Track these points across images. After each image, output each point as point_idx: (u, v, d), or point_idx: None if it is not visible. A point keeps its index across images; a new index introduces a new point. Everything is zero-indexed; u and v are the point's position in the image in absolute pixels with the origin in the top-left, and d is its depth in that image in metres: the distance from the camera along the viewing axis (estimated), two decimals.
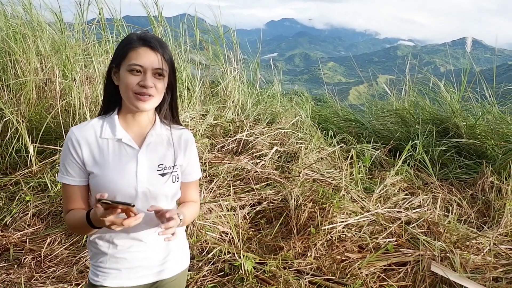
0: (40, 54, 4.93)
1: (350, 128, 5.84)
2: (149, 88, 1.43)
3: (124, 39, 1.51)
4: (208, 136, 4.66)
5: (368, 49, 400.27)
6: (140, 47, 1.44)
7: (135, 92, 1.43)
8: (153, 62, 1.43)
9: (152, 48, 1.44)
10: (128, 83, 1.44)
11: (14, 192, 3.93)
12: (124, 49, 1.46)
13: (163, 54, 1.46)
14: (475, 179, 4.33)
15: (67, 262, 3.22)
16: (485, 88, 5.41)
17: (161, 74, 1.46)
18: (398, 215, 3.59)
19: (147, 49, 1.44)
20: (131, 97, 1.45)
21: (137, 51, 1.44)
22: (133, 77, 1.43)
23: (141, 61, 1.42)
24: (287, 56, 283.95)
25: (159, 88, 1.46)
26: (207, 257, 3.15)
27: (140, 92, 1.43)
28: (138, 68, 1.43)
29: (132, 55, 1.43)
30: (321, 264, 3.09)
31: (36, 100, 4.74)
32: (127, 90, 1.45)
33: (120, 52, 1.47)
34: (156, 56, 1.44)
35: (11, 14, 5.43)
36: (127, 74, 1.44)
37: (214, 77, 5.91)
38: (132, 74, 1.43)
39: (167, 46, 1.50)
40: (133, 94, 1.44)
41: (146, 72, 1.43)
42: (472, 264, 3.04)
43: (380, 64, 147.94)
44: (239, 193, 3.87)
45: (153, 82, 1.44)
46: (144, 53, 1.43)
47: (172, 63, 1.51)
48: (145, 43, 1.44)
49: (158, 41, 1.47)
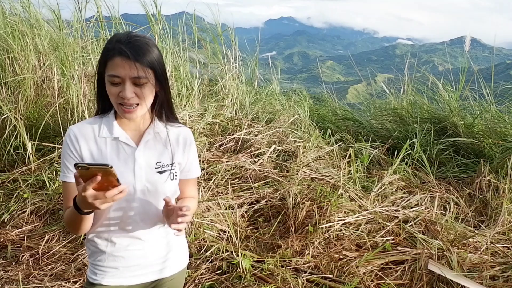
0: (38, 51, 4.93)
1: (348, 126, 5.85)
2: (129, 99, 1.39)
3: (106, 43, 1.45)
4: (206, 134, 4.66)
5: (366, 47, 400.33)
6: (116, 57, 1.38)
7: (119, 102, 1.41)
8: (130, 71, 1.37)
9: (127, 57, 1.37)
10: (110, 94, 1.42)
11: (12, 190, 3.93)
12: (104, 57, 1.42)
13: (141, 60, 1.38)
14: (473, 178, 4.34)
15: (65, 259, 3.23)
16: (483, 87, 5.42)
17: (142, 82, 1.40)
18: (396, 214, 3.60)
19: (123, 58, 1.37)
20: (117, 108, 1.44)
21: (113, 61, 1.38)
22: (113, 88, 1.40)
23: (117, 71, 1.38)
24: (286, 55, 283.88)
25: (142, 95, 1.41)
26: (205, 255, 3.15)
27: (122, 102, 1.41)
28: (117, 79, 1.38)
29: (110, 65, 1.39)
30: (319, 262, 3.10)
31: (34, 97, 4.74)
32: (112, 100, 1.43)
33: (102, 60, 1.43)
34: (132, 64, 1.37)
35: (9, 12, 5.41)
36: (109, 84, 1.41)
37: (212, 76, 5.90)
38: (112, 85, 1.40)
39: (147, 49, 1.40)
40: (118, 105, 1.43)
41: (124, 82, 1.38)
42: (469, 262, 3.05)
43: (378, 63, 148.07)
44: (237, 191, 3.87)
45: (133, 91, 1.39)
46: (120, 63, 1.37)
47: (157, 65, 1.43)
48: (120, 53, 1.37)
49: (135, 47, 1.38)
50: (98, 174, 1.20)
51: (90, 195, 1.22)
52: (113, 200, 1.25)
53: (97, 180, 1.20)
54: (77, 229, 1.43)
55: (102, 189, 1.23)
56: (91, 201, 1.23)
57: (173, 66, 5.21)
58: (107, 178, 1.21)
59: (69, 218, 1.42)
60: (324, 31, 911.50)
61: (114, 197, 1.24)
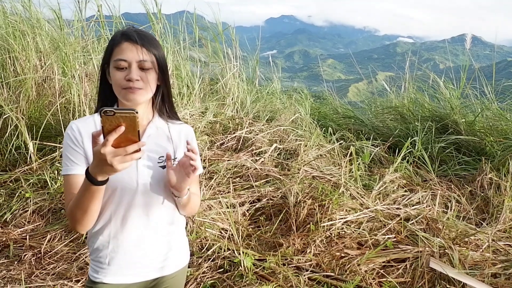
0: (39, 51, 4.93)
1: (350, 125, 5.85)
2: (135, 82, 1.43)
3: (110, 38, 1.53)
4: (207, 133, 4.67)
5: (367, 46, 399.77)
6: (123, 42, 1.45)
7: (124, 87, 1.44)
8: (136, 54, 1.44)
9: (134, 41, 1.45)
10: (116, 79, 1.45)
11: (14, 189, 3.93)
12: (109, 46, 1.48)
13: (147, 46, 1.46)
14: (474, 176, 4.34)
15: (67, 258, 3.23)
16: (484, 84, 5.41)
17: (147, 67, 1.45)
18: (397, 212, 3.60)
19: (129, 43, 1.45)
20: (121, 93, 1.46)
21: (120, 46, 1.45)
22: (119, 73, 1.44)
23: (124, 55, 1.44)
24: (287, 53, 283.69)
25: (147, 79, 1.46)
26: (207, 253, 3.15)
27: (127, 86, 1.44)
28: (123, 63, 1.43)
29: (117, 50, 1.45)
30: (321, 260, 3.10)
31: (36, 97, 4.74)
32: (117, 87, 1.46)
33: (107, 50, 1.49)
34: (139, 48, 1.45)
35: (10, 11, 5.42)
36: (114, 70, 1.45)
37: (213, 74, 5.91)
38: (118, 70, 1.44)
39: (152, 39, 1.50)
40: (123, 90, 1.45)
41: (131, 66, 1.44)
42: (470, 260, 3.05)
43: (379, 61, 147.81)
44: (239, 190, 3.87)
45: (139, 74, 1.44)
46: (126, 47, 1.44)
47: (160, 56, 1.51)
48: (127, 38, 1.45)
49: (142, 34, 1.48)
50: (122, 124, 1.16)
51: (110, 151, 1.17)
52: (132, 158, 1.19)
53: (121, 130, 1.15)
54: (85, 212, 1.36)
55: (120, 147, 1.18)
56: (110, 159, 1.17)
57: (174, 65, 5.21)
58: (126, 135, 1.17)
59: (76, 202, 1.36)
60: (324, 29, 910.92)
61: (133, 155, 1.19)
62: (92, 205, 1.35)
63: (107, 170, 1.21)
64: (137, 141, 1.19)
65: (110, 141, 1.16)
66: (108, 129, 1.17)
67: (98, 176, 1.25)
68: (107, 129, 1.17)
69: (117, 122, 1.16)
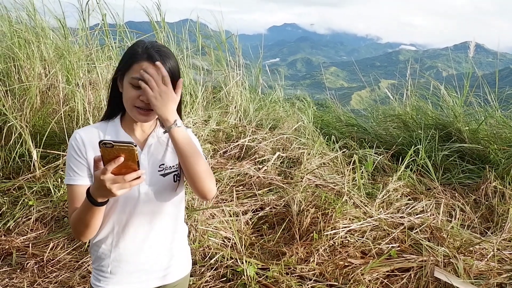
0: (43, 59, 4.96)
1: (353, 133, 5.84)
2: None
3: (130, 48, 1.49)
4: (210, 141, 4.67)
5: (370, 53, 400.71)
6: (144, 62, 1.42)
7: (136, 105, 1.44)
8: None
9: (155, 62, 1.42)
10: (129, 96, 1.44)
11: (17, 197, 3.94)
12: (129, 61, 1.45)
13: (167, 67, 1.43)
14: (478, 184, 4.32)
15: (70, 267, 3.23)
16: (488, 92, 5.40)
17: None
18: (401, 221, 3.58)
19: (150, 63, 1.42)
20: (132, 110, 1.46)
21: (140, 65, 1.42)
22: (134, 91, 1.43)
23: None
24: (289, 61, 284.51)
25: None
26: (210, 262, 3.14)
27: (140, 106, 1.43)
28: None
29: (136, 68, 1.42)
30: (324, 269, 3.08)
31: (40, 105, 4.76)
32: (128, 103, 1.45)
33: (126, 63, 1.46)
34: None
35: (16, 20, 5.46)
36: (129, 86, 1.43)
37: (216, 83, 5.93)
38: (133, 88, 1.43)
39: (171, 56, 1.48)
40: (134, 107, 1.44)
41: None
42: (475, 269, 3.03)
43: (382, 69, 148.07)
44: (242, 198, 3.87)
45: None
46: (147, 68, 1.41)
47: (176, 72, 1.48)
48: (148, 57, 1.42)
49: (163, 53, 1.45)
50: (121, 155, 1.19)
51: (109, 178, 1.21)
52: (130, 185, 1.24)
53: (120, 161, 1.19)
54: (87, 227, 1.39)
55: (120, 174, 1.22)
56: (109, 185, 1.22)
57: None
58: (126, 163, 1.21)
59: (78, 217, 1.40)
60: (327, 37, 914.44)
61: (132, 182, 1.23)
62: (93, 221, 1.39)
63: (106, 194, 1.26)
64: (137, 169, 1.23)
65: (109, 170, 1.21)
66: (107, 158, 1.21)
67: (98, 198, 1.30)
68: (106, 159, 1.21)
69: (116, 153, 1.19)
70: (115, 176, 1.22)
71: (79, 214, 1.39)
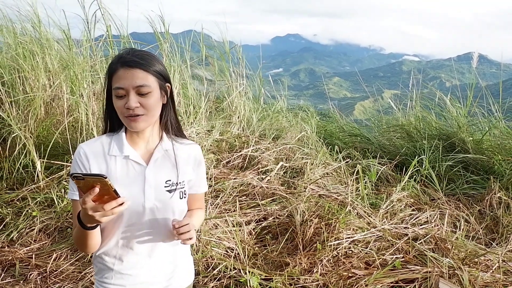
0: (48, 70, 5.00)
1: (356, 143, 5.84)
2: (134, 109, 1.41)
3: (109, 63, 1.50)
4: (213, 151, 4.67)
5: (373, 64, 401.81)
6: (119, 69, 1.42)
7: (125, 115, 1.43)
8: (132, 80, 1.40)
9: (130, 66, 1.41)
10: (117, 108, 1.44)
11: (21, 208, 3.95)
12: (109, 73, 1.46)
13: (144, 67, 1.42)
14: (483, 195, 4.29)
15: (73, 278, 3.21)
16: (491, 103, 5.40)
17: (145, 91, 1.41)
18: (405, 231, 3.56)
19: (125, 69, 1.41)
20: (124, 120, 1.46)
21: (117, 73, 1.42)
22: (119, 101, 1.42)
23: (121, 83, 1.41)
24: (293, 71, 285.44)
25: (147, 105, 1.43)
26: (213, 273, 3.13)
27: (128, 114, 1.42)
28: (121, 92, 1.41)
29: (115, 78, 1.43)
30: (328, 280, 3.06)
31: (44, 116, 4.79)
32: (120, 114, 1.46)
33: (107, 77, 1.47)
34: (135, 73, 1.41)
35: (21, 32, 5.52)
36: (115, 98, 1.44)
37: (219, 93, 5.95)
38: (118, 99, 1.42)
39: (150, 59, 1.46)
40: (125, 117, 1.44)
41: (129, 93, 1.40)
42: (481, 281, 2.99)
43: (385, 79, 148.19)
44: (245, 208, 3.86)
45: (137, 101, 1.41)
46: (123, 74, 1.41)
47: (160, 74, 1.47)
48: (123, 64, 1.41)
49: (138, 56, 1.43)
50: (96, 185, 1.21)
51: (90, 207, 1.24)
52: (112, 213, 1.26)
53: (95, 192, 1.21)
54: (85, 246, 1.43)
55: (103, 202, 1.24)
56: (91, 214, 1.25)
57: (180, 84, 5.26)
58: (107, 190, 1.23)
59: (76, 235, 1.44)
60: (330, 48, 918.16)
61: (113, 210, 1.25)
62: (89, 241, 1.42)
63: (91, 221, 1.29)
64: (116, 197, 1.25)
65: (87, 200, 1.23)
66: (84, 189, 1.23)
67: (86, 223, 1.34)
68: (83, 189, 1.24)
69: (91, 184, 1.22)
70: (95, 205, 1.24)
71: (76, 234, 1.43)
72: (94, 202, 1.24)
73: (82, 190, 1.24)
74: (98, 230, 1.42)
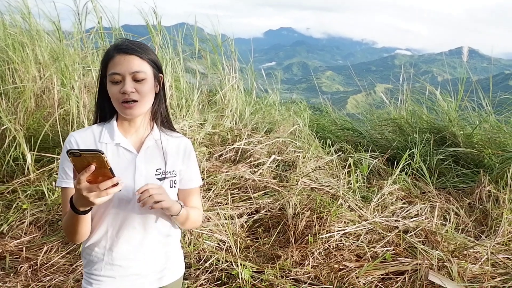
0: (38, 62, 4.95)
1: (348, 137, 5.86)
2: (130, 94, 1.43)
3: (105, 52, 1.53)
4: (206, 144, 4.66)
5: (365, 58, 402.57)
6: (116, 55, 1.45)
7: (120, 100, 1.45)
8: (129, 66, 1.44)
9: (126, 52, 1.45)
10: (112, 94, 1.46)
11: (11, 200, 3.92)
12: (104, 61, 1.49)
13: (140, 54, 1.46)
14: (473, 188, 4.33)
15: (64, 270, 3.21)
16: (482, 97, 5.44)
17: (141, 77, 1.45)
18: (396, 224, 3.59)
19: (121, 55, 1.44)
20: (119, 107, 1.47)
21: (113, 60, 1.45)
22: (115, 87, 1.45)
23: (117, 68, 1.44)
24: (285, 65, 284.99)
25: (142, 92, 1.46)
26: (205, 265, 3.14)
27: (123, 99, 1.44)
28: (117, 77, 1.44)
29: (111, 64, 1.46)
30: (319, 273, 3.08)
31: (34, 108, 4.75)
32: (115, 101, 1.47)
33: (102, 64, 1.50)
34: (131, 59, 1.44)
35: (10, 23, 5.45)
36: (110, 85, 1.46)
37: (212, 86, 5.93)
38: (113, 84, 1.45)
39: (146, 48, 1.50)
40: (119, 103, 1.46)
41: (124, 78, 1.44)
42: (469, 273, 3.04)
43: (377, 73, 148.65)
44: (237, 201, 3.87)
45: (133, 86, 1.44)
46: (119, 60, 1.44)
47: (154, 63, 1.51)
48: (119, 50, 1.45)
49: (134, 44, 1.48)
50: (92, 163, 1.19)
51: (84, 187, 1.22)
52: (107, 193, 1.24)
53: (91, 169, 1.19)
54: (75, 233, 1.42)
55: (97, 183, 1.23)
56: (85, 194, 1.23)
57: (173, 77, 5.23)
58: (102, 170, 1.21)
59: (67, 222, 1.42)
60: (323, 41, 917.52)
61: (108, 190, 1.24)
62: (80, 228, 1.41)
63: (85, 203, 1.28)
64: (111, 177, 1.23)
65: (82, 179, 1.21)
66: (79, 168, 1.21)
67: (79, 207, 1.32)
68: (79, 168, 1.21)
69: (87, 162, 1.19)
70: (90, 184, 1.22)
71: (67, 220, 1.42)
72: (89, 183, 1.23)
73: (77, 169, 1.22)
74: (89, 216, 1.41)
